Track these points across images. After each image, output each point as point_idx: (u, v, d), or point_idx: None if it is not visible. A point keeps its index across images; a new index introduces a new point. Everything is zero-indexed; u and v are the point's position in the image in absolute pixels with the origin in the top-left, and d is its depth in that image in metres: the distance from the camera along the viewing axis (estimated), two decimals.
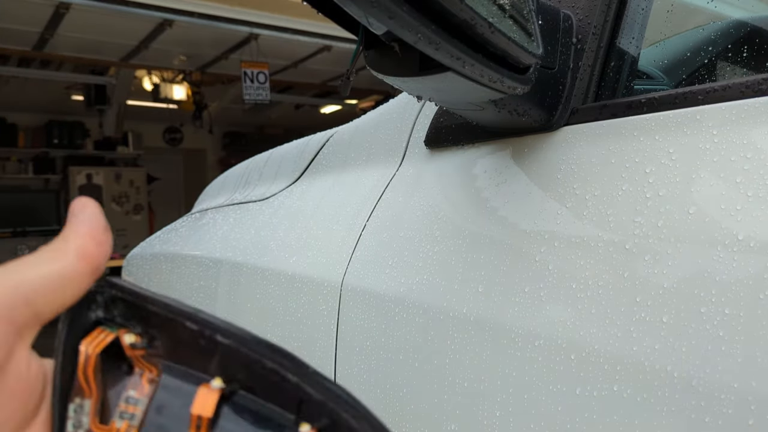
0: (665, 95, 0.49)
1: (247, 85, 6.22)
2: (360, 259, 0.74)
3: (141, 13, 5.08)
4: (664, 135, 0.47)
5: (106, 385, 0.26)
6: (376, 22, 0.37)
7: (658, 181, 0.46)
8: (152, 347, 0.26)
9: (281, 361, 0.25)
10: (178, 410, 0.25)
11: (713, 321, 0.40)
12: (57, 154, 8.27)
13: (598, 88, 0.57)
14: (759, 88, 0.43)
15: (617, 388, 0.45)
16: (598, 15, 0.57)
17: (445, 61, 0.42)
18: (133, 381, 0.26)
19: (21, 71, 6.65)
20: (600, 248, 0.48)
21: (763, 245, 0.39)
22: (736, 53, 0.55)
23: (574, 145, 0.54)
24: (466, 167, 0.65)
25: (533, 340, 0.51)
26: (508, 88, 0.48)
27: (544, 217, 0.54)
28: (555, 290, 0.51)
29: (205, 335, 0.25)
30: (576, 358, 0.48)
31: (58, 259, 0.25)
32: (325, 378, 0.25)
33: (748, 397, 0.38)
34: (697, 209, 0.43)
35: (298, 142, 1.18)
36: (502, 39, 0.44)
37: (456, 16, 0.39)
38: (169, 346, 0.26)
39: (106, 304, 0.26)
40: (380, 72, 0.49)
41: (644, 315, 0.44)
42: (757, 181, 0.41)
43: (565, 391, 0.48)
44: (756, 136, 0.42)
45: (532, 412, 0.51)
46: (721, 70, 0.55)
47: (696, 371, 0.41)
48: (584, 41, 0.57)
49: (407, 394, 0.65)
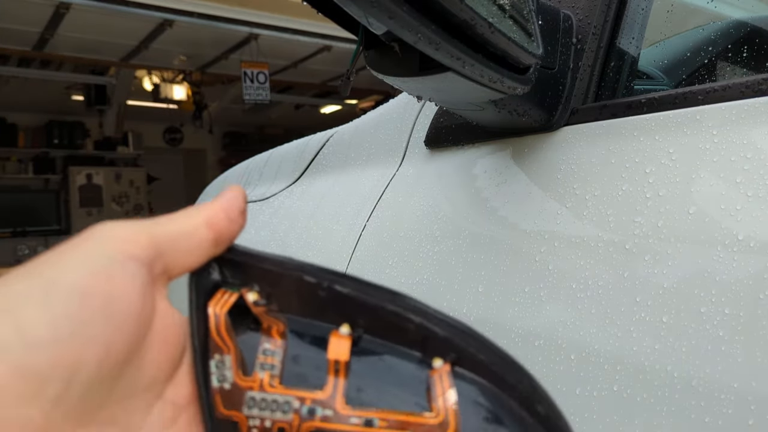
0: (665, 95, 0.49)
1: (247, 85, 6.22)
2: (360, 259, 0.74)
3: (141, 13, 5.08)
4: (664, 135, 0.47)
5: (240, 341, 0.27)
6: (376, 22, 0.37)
7: (658, 181, 0.46)
8: (274, 303, 0.27)
9: (402, 303, 0.26)
10: (313, 358, 0.26)
11: (713, 321, 0.40)
12: (57, 154, 8.27)
13: (598, 88, 0.57)
14: (759, 88, 0.43)
15: (617, 388, 0.45)
16: (598, 15, 0.57)
17: (445, 61, 0.42)
18: (266, 335, 0.27)
19: (21, 71, 6.65)
20: (600, 248, 0.48)
21: (763, 245, 0.39)
22: (736, 53, 0.55)
23: (574, 146, 0.54)
24: (466, 167, 0.65)
25: (533, 340, 0.51)
26: (508, 89, 0.48)
27: (544, 217, 0.54)
28: (555, 290, 0.51)
29: (323, 286, 0.27)
30: (576, 358, 0.48)
31: (188, 222, 0.26)
32: (446, 315, 0.26)
33: (748, 397, 0.38)
34: (697, 209, 0.43)
35: (298, 142, 1.18)
36: (502, 39, 0.43)
37: (456, 16, 0.39)
38: (291, 301, 0.27)
39: (224, 267, 0.28)
40: (380, 72, 0.49)
41: (644, 315, 0.44)
42: (757, 181, 0.41)
43: (565, 391, 0.48)
44: (756, 136, 0.42)
45: None
46: (721, 70, 0.55)
47: (696, 371, 0.41)
48: (584, 41, 0.57)
49: None
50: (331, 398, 0.26)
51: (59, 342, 0.20)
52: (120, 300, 0.22)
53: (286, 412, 0.26)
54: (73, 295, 0.21)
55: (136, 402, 0.24)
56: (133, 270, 0.23)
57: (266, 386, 0.26)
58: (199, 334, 0.26)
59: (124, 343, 0.22)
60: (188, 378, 0.26)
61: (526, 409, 0.26)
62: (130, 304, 0.23)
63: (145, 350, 0.24)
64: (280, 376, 0.26)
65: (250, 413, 0.26)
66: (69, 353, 0.20)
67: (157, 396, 0.25)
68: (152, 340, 0.24)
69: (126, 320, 0.22)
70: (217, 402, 0.26)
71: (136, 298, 0.23)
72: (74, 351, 0.21)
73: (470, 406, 0.25)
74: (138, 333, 0.23)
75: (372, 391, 0.26)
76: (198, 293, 0.27)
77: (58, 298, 0.21)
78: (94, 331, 0.21)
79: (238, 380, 0.26)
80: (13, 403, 0.19)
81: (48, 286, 0.21)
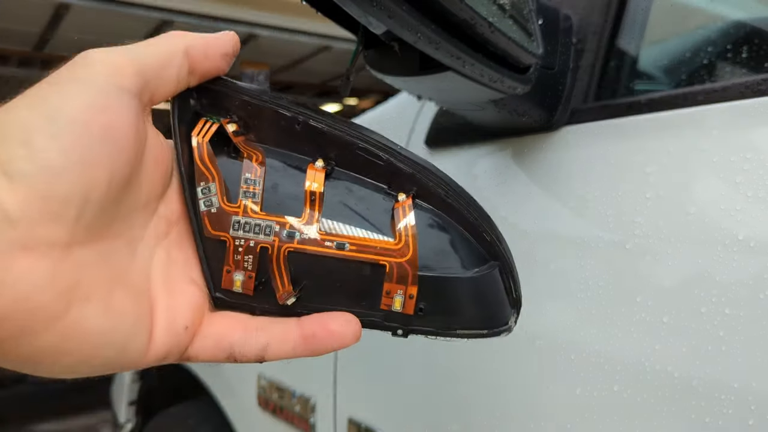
0: (665, 95, 0.49)
1: None
2: None
3: (141, 13, 5.08)
4: (665, 135, 0.47)
5: (223, 169, 0.29)
6: (376, 22, 0.37)
7: (659, 181, 0.46)
8: (252, 133, 0.29)
9: (373, 140, 0.29)
10: (291, 188, 0.29)
11: (713, 321, 0.40)
12: None
13: (598, 88, 0.57)
14: (759, 88, 0.43)
15: (617, 389, 0.45)
16: (598, 15, 0.57)
17: (445, 60, 0.41)
18: (247, 165, 0.29)
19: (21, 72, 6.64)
20: (600, 248, 0.48)
21: (763, 245, 0.39)
22: (736, 53, 0.55)
23: (575, 145, 0.54)
24: (466, 167, 0.65)
25: (533, 340, 0.51)
26: (508, 88, 0.48)
27: (544, 217, 0.54)
28: (555, 290, 0.51)
29: (299, 120, 0.29)
30: (576, 359, 0.48)
31: (167, 48, 0.27)
32: (410, 153, 0.29)
33: (748, 397, 0.38)
34: (697, 209, 0.43)
35: None
36: (502, 39, 0.43)
37: (456, 15, 0.39)
38: (268, 133, 0.29)
39: (204, 97, 0.29)
40: (380, 72, 0.49)
41: (644, 315, 0.44)
42: (757, 181, 0.41)
43: (565, 391, 0.48)
44: (756, 136, 0.42)
45: (532, 413, 0.51)
46: (721, 70, 0.55)
47: (696, 371, 0.41)
48: (584, 41, 0.57)
49: (407, 395, 0.65)
50: (308, 224, 0.28)
51: (72, 168, 0.22)
52: (118, 128, 0.24)
53: (268, 234, 0.28)
54: (76, 124, 0.23)
55: (136, 218, 0.27)
56: (126, 100, 0.25)
57: (249, 212, 0.29)
58: (185, 161, 0.29)
59: (125, 166, 0.25)
60: (177, 196, 0.29)
61: (474, 235, 0.30)
62: (127, 131, 0.25)
63: (141, 171, 0.27)
64: (261, 203, 0.29)
65: (236, 234, 0.29)
66: (82, 177, 0.23)
67: (152, 212, 0.28)
68: (146, 162, 0.27)
69: (125, 145, 0.25)
70: (206, 223, 0.29)
71: (132, 126, 0.25)
72: (86, 175, 0.23)
73: (427, 232, 0.29)
74: (136, 156, 0.26)
75: (343, 219, 0.29)
76: (180, 121, 0.29)
77: (64, 128, 0.23)
78: (99, 157, 0.23)
79: (223, 205, 0.29)
80: (42, 225, 0.22)
81: (53, 116, 0.23)
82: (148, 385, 1.47)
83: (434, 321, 0.29)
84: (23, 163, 0.22)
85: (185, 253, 0.29)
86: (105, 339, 0.24)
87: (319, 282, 0.29)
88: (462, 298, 0.29)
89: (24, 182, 0.21)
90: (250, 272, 0.29)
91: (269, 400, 0.91)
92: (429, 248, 0.29)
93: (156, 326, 0.27)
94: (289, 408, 0.86)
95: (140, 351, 0.26)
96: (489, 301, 0.30)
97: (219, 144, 0.29)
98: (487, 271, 0.30)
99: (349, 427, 0.74)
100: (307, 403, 0.83)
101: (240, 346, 0.28)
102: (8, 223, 0.21)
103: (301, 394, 0.84)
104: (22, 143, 0.22)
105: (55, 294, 0.22)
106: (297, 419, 0.84)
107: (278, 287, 0.29)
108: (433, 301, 0.29)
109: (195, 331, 0.28)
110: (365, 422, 0.71)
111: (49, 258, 0.22)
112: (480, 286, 0.30)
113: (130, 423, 1.47)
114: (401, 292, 0.29)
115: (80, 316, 0.23)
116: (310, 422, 0.82)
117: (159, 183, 0.28)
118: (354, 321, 0.29)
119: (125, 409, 1.48)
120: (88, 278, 0.23)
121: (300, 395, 0.84)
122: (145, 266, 0.27)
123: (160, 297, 0.27)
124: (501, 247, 0.30)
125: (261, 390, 0.93)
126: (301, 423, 0.84)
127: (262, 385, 0.92)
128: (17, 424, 2.69)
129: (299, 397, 0.84)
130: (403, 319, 0.29)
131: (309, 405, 0.82)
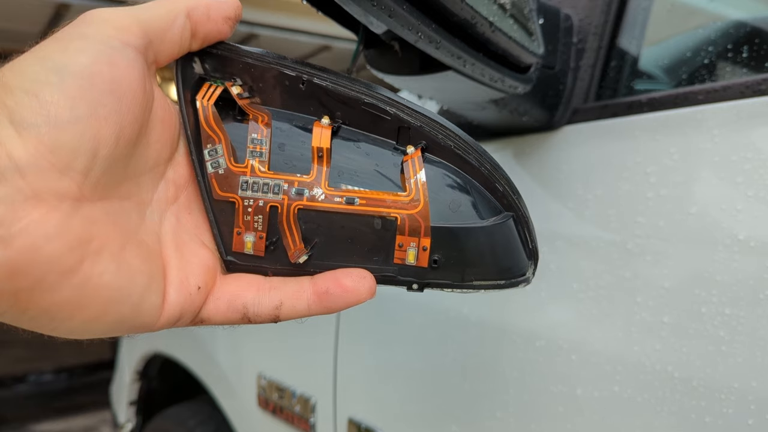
0: (665, 95, 0.49)
1: None
2: None
3: None
4: (665, 135, 0.47)
5: (229, 131, 0.29)
6: (377, 21, 0.37)
7: (659, 181, 0.46)
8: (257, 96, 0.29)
9: (379, 95, 0.29)
10: (298, 146, 0.29)
11: (713, 321, 0.40)
12: None
13: (598, 87, 0.57)
14: (759, 88, 0.43)
15: (618, 389, 0.45)
16: (598, 15, 0.57)
17: (446, 60, 0.41)
18: (253, 126, 0.29)
19: None
20: (601, 248, 0.48)
21: (763, 245, 0.39)
22: (737, 53, 0.55)
23: (575, 145, 0.54)
24: None
25: (534, 340, 0.51)
26: (509, 88, 0.48)
27: (545, 217, 0.54)
28: (556, 290, 0.51)
29: (303, 79, 0.29)
30: (577, 359, 0.48)
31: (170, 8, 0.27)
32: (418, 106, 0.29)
33: (748, 397, 0.38)
34: (697, 209, 0.43)
35: None
36: (503, 38, 0.43)
37: (456, 15, 0.39)
38: (273, 94, 0.29)
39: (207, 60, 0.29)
40: (380, 71, 0.49)
41: (645, 315, 0.44)
42: (757, 181, 0.41)
43: (565, 391, 0.48)
44: (756, 136, 0.42)
45: (533, 413, 0.51)
46: (721, 70, 0.55)
47: (696, 371, 0.41)
48: (585, 41, 0.57)
49: (407, 394, 0.65)
50: (316, 181, 0.28)
51: (79, 120, 0.22)
52: (125, 83, 0.24)
53: (276, 193, 0.28)
54: (83, 78, 0.23)
55: (144, 180, 0.27)
56: (132, 56, 0.25)
57: (257, 171, 0.28)
58: (191, 124, 0.29)
59: (133, 122, 0.25)
60: (185, 160, 0.29)
61: (486, 186, 0.29)
62: (134, 87, 0.25)
63: (149, 131, 0.27)
64: (268, 162, 0.29)
65: (244, 194, 0.28)
66: (90, 130, 0.23)
67: (160, 176, 0.28)
68: (154, 123, 0.27)
69: (132, 101, 0.25)
70: (214, 185, 0.28)
71: (138, 82, 0.25)
72: (93, 128, 0.23)
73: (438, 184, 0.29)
74: (143, 114, 0.26)
75: (352, 175, 0.29)
76: (184, 84, 0.29)
77: (70, 81, 0.23)
78: (106, 111, 0.23)
79: (231, 166, 0.28)
80: (51, 176, 0.22)
81: (59, 69, 0.23)
82: (148, 385, 1.47)
83: (449, 273, 0.29)
84: (31, 114, 0.22)
85: (195, 218, 0.29)
86: (118, 294, 0.24)
87: (331, 239, 0.29)
88: (477, 249, 0.29)
89: (33, 133, 0.21)
90: (261, 232, 0.29)
91: (269, 400, 0.91)
92: (441, 200, 0.29)
93: (169, 286, 0.27)
94: (289, 408, 0.86)
95: (154, 310, 0.26)
96: (505, 251, 0.29)
97: (224, 107, 0.29)
98: (502, 221, 0.29)
99: (349, 427, 0.74)
100: (307, 403, 0.82)
101: (254, 305, 0.28)
102: (18, 172, 0.21)
103: (301, 394, 0.84)
104: (29, 94, 0.22)
105: (66, 246, 0.22)
106: (297, 419, 0.84)
107: (289, 246, 0.29)
108: (447, 252, 0.29)
109: (208, 291, 0.28)
110: (365, 422, 0.71)
111: (59, 210, 0.22)
112: (495, 237, 0.29)
113: (130, 423, 1.47)
114: (414, 244, 0.28)
115: (93, 271, 0.23)
116: (310, 422, 0.82)
117: (167, 145, 0.28)
118: (368, 276, 0.28)
119: (125, 409, 1.48)
120: (100, 234, 0.24)
121: (300, 395, 0.84)
122: (155, 229, 0.27)
123: (171, 259, 0.27)
124: (515, 198, 0.30)
125: (261, 390, 0.93)
126: (301, 423, 0.84)
127: (262, 385, 0.92)
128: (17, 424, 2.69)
129: (299, 397, 0.84)
130: (418, 273, 0.29)
131: (309, 405, 0.82)
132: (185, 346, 1.20)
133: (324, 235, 0.29)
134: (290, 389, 0.86)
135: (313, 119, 0.29)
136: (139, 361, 1.42)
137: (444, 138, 0.29)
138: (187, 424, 1.22)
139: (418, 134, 0.29)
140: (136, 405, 1.47)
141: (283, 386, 0.88)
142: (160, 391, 1.48)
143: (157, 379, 1.47)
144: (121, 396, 1.52)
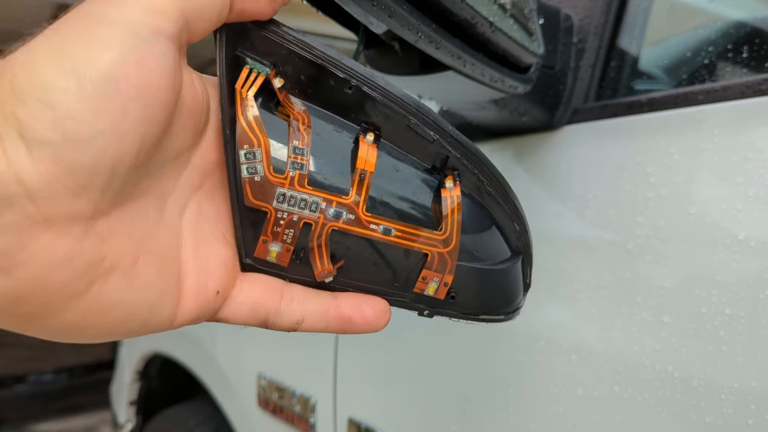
0: (666, 95, 0.49)
1: None
2: None
3: None
4: (665, 135, 0.47)
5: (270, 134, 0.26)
6: (377, 21, 0.37)
7: (659, 181, 0.46)
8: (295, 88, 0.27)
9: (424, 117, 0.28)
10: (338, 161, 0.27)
11: (713, 321, 0.40)
12: None
13: (599, 87, 0.57)
14: (759, 88, 0.43)
15: (618, 389, 0.45)
16: (598, 15, 0.57)
17: (446, 60, 0.41)
18: (294, 130, 0.27)
19: None
20: (601, 248, 0.48)
21: (763, 245, 0.39)
22: (737, 53, 0.55)
23: (576, 145, 0.54)
24: None
25: (535, 341, 0.51)
26: (509, 88, 0.48)
27: (545, 217, 0.54)
28: (556, 290, 0.51)
29: (351, 84, 0.27)
30: (577, 359, 0.48)
31: None
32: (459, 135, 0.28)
33: (748, 397, 0.38)
34: (697, 209, 0.43)
35: None
36: (503, 38, 0.43)
37: (456, 15, 0.39)
38: (314, 91, 0.27)
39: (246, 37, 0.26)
40: (381, 71, 0.49)
41: (645, 315, 0.44)
42: (757, 181, 0.41)
43: (566, 391, 0.48)
44: (756, 136, 0.42)
45: (533, 413, 0.51)
46: (721, 70, 0.55)
47: (696, 371, 0.41)
48: (585, 41, 0.57)
49: (407, 394, 0.65)
50: (355, 203, 0.27)
51: (100, 136, 0.20)
52: (152, 87, 0.21)
53: (313, 210, 0.27)
54: (107, 84, 0.20)
55: (166, 170, 0.25)
56: (164, 49, 0.22)
57: (296, 185, 0.27)
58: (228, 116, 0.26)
59: (158, 130, 0.22)
60: (213, 144, 0.27)
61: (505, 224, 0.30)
62: (162, 90, 0.22)
63: (174, 126, 0.24)
64: (308, 175, 0.27)
65: (279, 207, 0.27)
66: (111, 146, 0.20)
67: (185, 163, 0.26)
68: (180, 113, 0.24)
69: (159, 106, 0.22)
70: (247, 191, 0.26)
71: (168, 81, 0.22)
72: (115, 144, 0.20)
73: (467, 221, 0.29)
74: (170, 116, 0.23)
75: (390, 202, 0.28)
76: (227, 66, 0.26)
77: (93, 89, 0.20)
78: (130, 122, 0.21)
79: (269, 176, 0.26)
80: (64, 200, 0.20)
81: (78, 72, 0.20)
82: (148, 385, 1.47)
83: (462, 307, 0.30)
84: (46, 130, 0.19)
85: (216, 205, 0.27)
86: (128, 311, 0.23)
87: (358, 261, 0.28)
88: (491, 289, 0.30)
89: (47, 152, 0.19)
90: (289, 245, 0.27)
91: (269, 400, 0.91)
92: (466, 237, 0.29)
93: (185, 292, 0.25)
94: (289, 408, 0.86)
95: (166, 319, 0.25)
96: (511, 290, 0.31)
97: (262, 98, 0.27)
98: (514, 263, 0.30)
99: (349, 427, 0.73)
100: (307, 403, 0.82)
101: (275, 315, 0.28)
102: (28, 198, 0.19)
103: (301, 394, 0.84)
104: (42, 103, 0.19)
105: (74, 273, 0.21)
106: (297, 419, 0.84)
107: (317, 265, 0.28)
108: (464, 289, 0.29)
109: (227, 295, 0.27)
110: (365, 422, 0.71)
111: (69, 235, 0.20)
112: (507, 277, 0.30)
113: (130, 423, 1.47)
114: (437, 279, 0.29)
115: (102, 293, 0.22)
116: (310, 422, 0.82)
117: (192, 132, 0.25)
118: (388, 311, 0.29)
119: (125, 409, 1.48)
120: (111, 251, 0.22)
121: (300, 395, 0.84)
122: (174, 224, 0.25)
123: (190, 260, 0.26)
124: (526, 238, 0.31)
125: (261, 390, 0.93)
126: (301, 423, 0.84)
127: (262, 385, 0.92)
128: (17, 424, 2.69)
129: (299, 397, 0.84)
130: (432, 303, 0.29)
131: (309, 405, 0.82)
132: (185, 346, 1.20)
133: (352, 257, 0.28)
134: (290, 389, 0.86)
135: (352, 126, 0.28)
136: (139, 361, 1.42)
137: (479, 173, 0.29)
138: (187, 424, 1.22)
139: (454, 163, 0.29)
140: (136, 405, 1.47)
141: (283, 386, 0.88)
142: (160, 391, 1.48)
143: (157, 379, 1.47)
144: (121, 396, 1.52)
